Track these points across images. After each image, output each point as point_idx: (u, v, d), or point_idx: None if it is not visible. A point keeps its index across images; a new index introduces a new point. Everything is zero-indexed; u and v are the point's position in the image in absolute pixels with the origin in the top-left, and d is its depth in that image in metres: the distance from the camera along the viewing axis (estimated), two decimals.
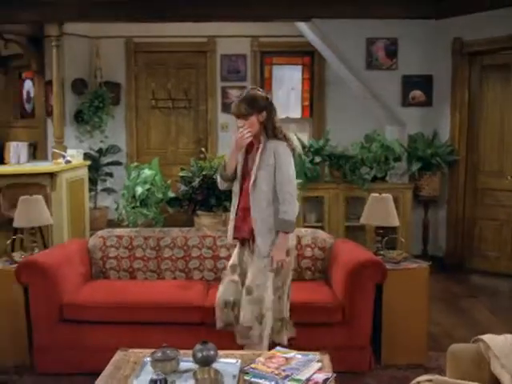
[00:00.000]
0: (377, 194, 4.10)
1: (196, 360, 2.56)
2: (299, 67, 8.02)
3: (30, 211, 4.01)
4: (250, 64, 7.84)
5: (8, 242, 4.47)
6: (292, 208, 3.12)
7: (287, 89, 8.03)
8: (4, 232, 5.42)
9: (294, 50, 7.88)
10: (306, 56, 7.90)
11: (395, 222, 4.04)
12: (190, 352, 2.61)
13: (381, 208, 4.02)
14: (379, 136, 5.98)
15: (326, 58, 7.09)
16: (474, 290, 5.57)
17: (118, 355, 2.80)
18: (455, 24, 6.01)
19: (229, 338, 3.20)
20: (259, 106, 3.12)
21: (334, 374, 2.55)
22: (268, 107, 3.15)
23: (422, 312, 3.76)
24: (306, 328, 3.52)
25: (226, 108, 7.86)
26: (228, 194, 4.03)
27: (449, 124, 6.18)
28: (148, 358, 2.63)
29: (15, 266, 3.73)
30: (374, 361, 3.66)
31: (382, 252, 3.98)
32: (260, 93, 3.20)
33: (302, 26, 6.56)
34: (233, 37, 7.71)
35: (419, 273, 3.79)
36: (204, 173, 4.11)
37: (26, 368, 3.67)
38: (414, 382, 2.41)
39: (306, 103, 8.03)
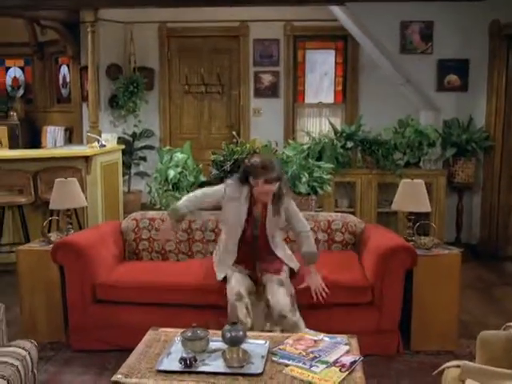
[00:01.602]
0: (408, 180, 4.06)
1: (225, 340, 2.60)
2: (332, 52, 7.95)
3: (65, 194, 4.10)
4: (282, 49, 7.81)
5: (44, 223, 4.60)
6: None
7: (320, 73, 7.98)
8: (41, 214, 5.58)
9: (327, 35, 7.81)
10: (340, 40, 7.83)
11: (426, 207, 3.99)
12: (219, 332, 2.66)
13: (412, 194, 3.98)
14: (413, 121, 5.90)
15: (359, 42, 7.01)
16: (507, 279, 5.47)
17: (150, 334, 2.86)
18: (493, 6, 5.85)
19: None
20: (281, 176, 3.47)
21: (362, 357, 2.57)
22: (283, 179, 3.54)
23: (453, 298, 3.72)
24: (334, 311, 3.55)
25: (258, 93, 7.88)
26: None
27: (485, 109, 6.05)
28: (178, 337, 2.68)
29: (51, 246, 3.83)
30: (402, 346, 3.66)
31: (413, 238, 3.95)
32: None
33: (336, 10, 6.49)
34: (266, 21, 7.68)
35: (450, 259, 3.75)
36: (235, 157, 4.13)
37: (61, 345, 3.79)
38: (442, 367, 2.42)
39: (339, 88, 7.96)
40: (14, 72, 8.97)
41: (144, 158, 7.85)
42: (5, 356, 2.59)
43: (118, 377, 2.41)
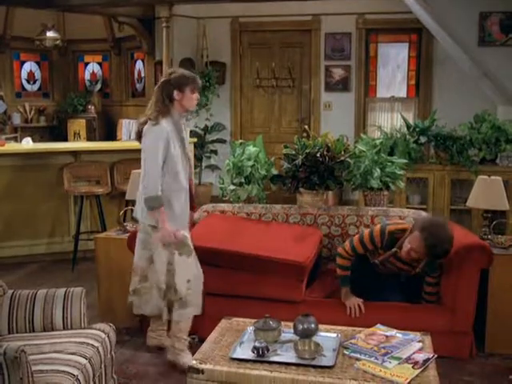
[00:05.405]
0: (485, 177, 3.96)
1: (297, 332, 2.63)
2: (406, 45, 7.78)
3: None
4: (354, 42, 7.71)
5: (121, 212, 4.78)
6: None
7: (392, 67, 7.83)
8: (117, 203, 5.80)
9: (400, 27, 7.64)
10: (414, 33, 7.64)
11: (504, 205, 3.88)
12: (291, 324, 2.69)
13: (489, 191, 3.88)
14: (490, 116, 5.71)
15: (434, 34, 6.83)
16: None
17: (223, 323, 2.93)
18: None
19: (330, 313, 3.25)
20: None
21: (435, 355, 2.52)
22: None
23: None
24: (406, 310, 3.51)
25: (329, 87, 7.83)
26: (331, 172, 4.07)
27: None
28: (251, 327, 2.73)
29: (127, 235, 3.97)
30: (475, 348, 3.56)
31: (488, 236, 3.84)
32: None
33: (410, 1, 6.33)
34: (337, 14, 7.61)
35: None
36: (307, 151, 4.13)
37: (135, 330, 3.94)
38: None
39: (412, 82, 7.79)
40: (93, 67, 9.31)
41: (215, 152, 7.97)
42: (86, 337, 2.73)
43: (193, 362, 2.48)
